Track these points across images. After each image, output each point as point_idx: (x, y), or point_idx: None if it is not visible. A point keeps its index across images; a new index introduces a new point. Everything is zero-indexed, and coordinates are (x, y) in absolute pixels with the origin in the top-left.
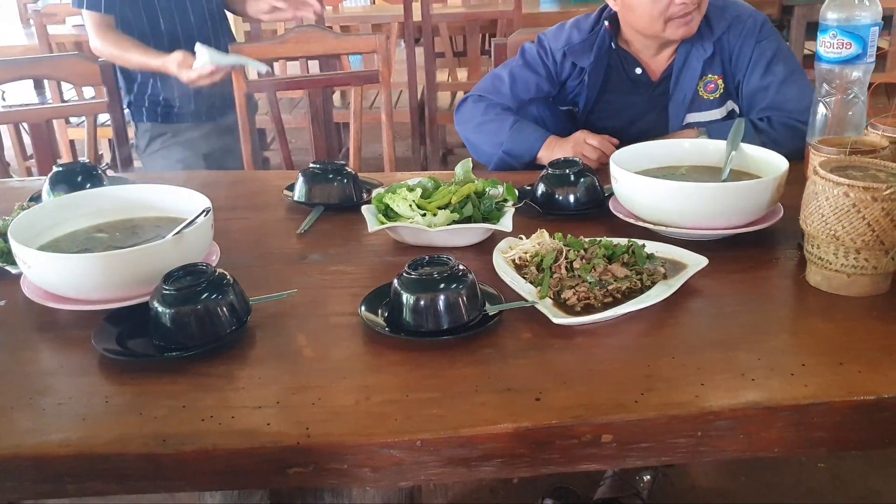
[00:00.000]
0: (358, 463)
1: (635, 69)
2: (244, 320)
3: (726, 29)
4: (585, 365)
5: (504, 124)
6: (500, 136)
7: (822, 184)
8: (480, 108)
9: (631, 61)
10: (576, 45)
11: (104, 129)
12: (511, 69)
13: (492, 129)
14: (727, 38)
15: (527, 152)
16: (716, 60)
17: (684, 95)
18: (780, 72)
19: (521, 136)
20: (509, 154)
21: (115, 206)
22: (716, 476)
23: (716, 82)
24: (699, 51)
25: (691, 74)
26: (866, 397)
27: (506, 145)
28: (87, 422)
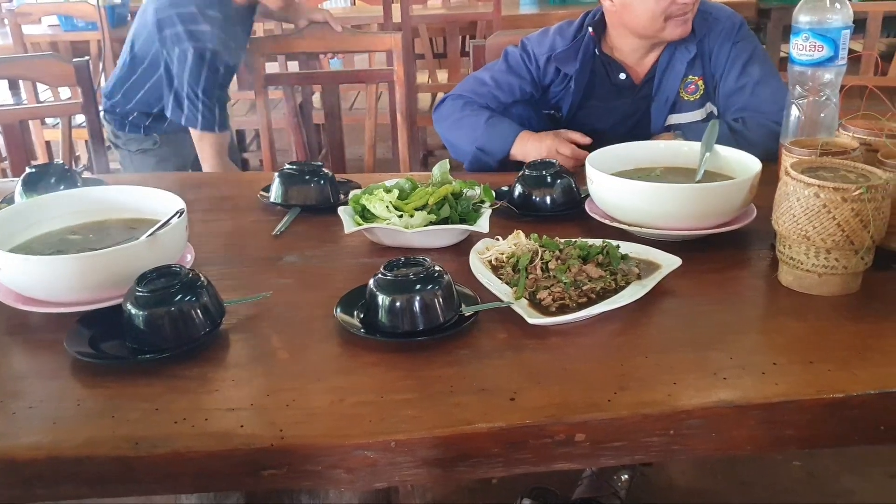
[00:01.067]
0: (332, 464)
1: (619, 74)
2: (218, 322)
3: (707, 30)
4: (560, 365)
5: (479, 119)
6: (475, 132)
7: (794, 184)
8: (458, 106)
9: (615, 67)
10: (560, 53)
11: (80, 130)
12: (493, 73)
13: (468, 124)
14: (707, 40)
15: (500, 148)
16: (697, 62)
17: (667, 97)
18: (755, 73)
19: (495, 132)
20: (483, 150)
21: (89, 207)
22: (693, 475)
23: (696, 83)
24: (683, 52)
25: (675, 76)
26: (836, 395)
27: (479, 141)
28: (57, 425)
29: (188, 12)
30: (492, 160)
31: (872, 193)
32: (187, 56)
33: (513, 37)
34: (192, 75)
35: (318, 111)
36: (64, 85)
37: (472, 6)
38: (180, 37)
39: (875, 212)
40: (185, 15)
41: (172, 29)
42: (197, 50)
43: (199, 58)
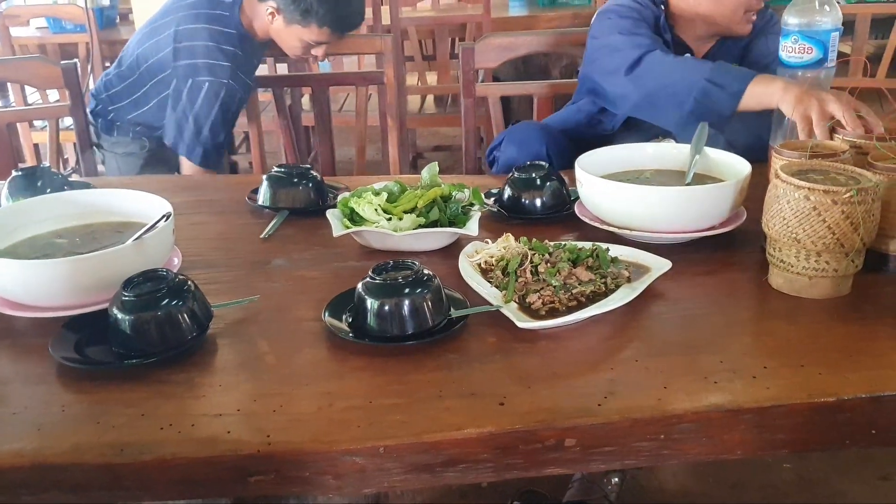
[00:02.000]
0: (320, 470)
1: (685, 55)
2: (206, 327)
3: (761, 24)
4: (549, 369)
5: (705, 62)
6: (702, 67)
7: (784, 187)
8: (669, 55)
9: (683, 48)
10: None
11: (68, 132)
12: (632, 21)
13: (690, 64)
14: (755, 33)
15: (737, 82)
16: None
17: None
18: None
19: (727, 68)
20: (714, 82)
21: (75, 211)
22: (683, 477)
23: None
24: (737, 40)
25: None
26: (826, 399)
27: (710, 74)
28: (42, 431)
29: (205, 46)
30: (725, 95)
31: (862, 196)
32: (201, 89)
33: (502, 39)
34: (201, 109)
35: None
36: (52, 87)
37: (461, 8)
38: (195, 69)
39: (865, 214)
40: (202, 48)
41: (188, 61)
42: (211, 85)
43: (213, 93)
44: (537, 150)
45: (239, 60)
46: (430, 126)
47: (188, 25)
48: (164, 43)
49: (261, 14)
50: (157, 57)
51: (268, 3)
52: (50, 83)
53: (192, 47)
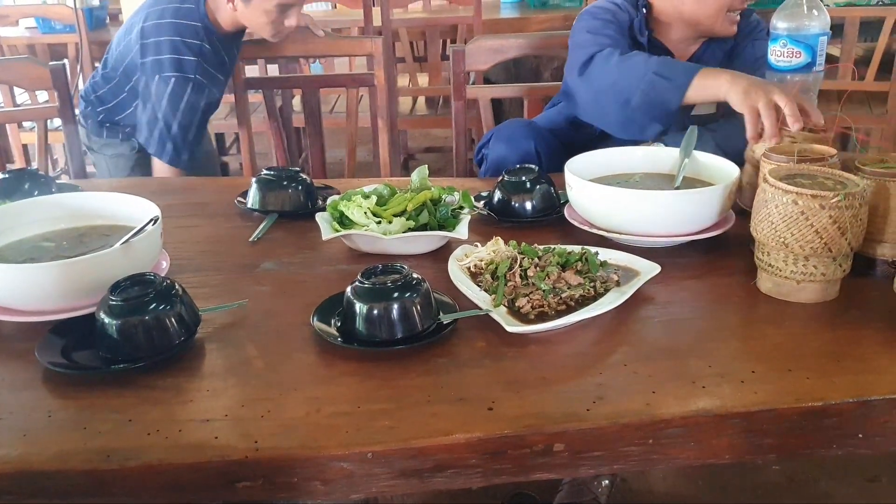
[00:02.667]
0: (308, 476)
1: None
2: (193, 331)
3: (745, 28)
4: (538, 373)
5: (649, 57)
6: (648, 62)
7: (772, 191)
8: (616, 53)
9: (662, 50)
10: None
11: (57, 133)
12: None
13: (637, 60)
14: (740, 37)
15: (683, 74)
16: (727, 55)
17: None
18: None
19: (673, 63)
20: (661, 75)
21: (63, 214)
22: (673, 480)
23: None
24: (721, 43)
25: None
26: (814, 404)
27: (656, 67)
28: (28, 437)
29: (170, 41)
30: (671, 87)
31: (850, 201)
32: (167, 85)
33: (493, 41)
34: (168, 106)
35: (299, 114)
36: (41, 88)
37: (452, 10)
38: (160, 66)
39: (853, 219)
40: (167, 44)
41: (153, 57)
42: (177, 80)
43: (179, 89)
44: (526, 147)
45: (206, 54)
46: (421, 128)
47: (153, 21)
48: (133, 42)
49: (222, 5)
50: (130, 56)
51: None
52: (39, 84)
53: (158, 43)
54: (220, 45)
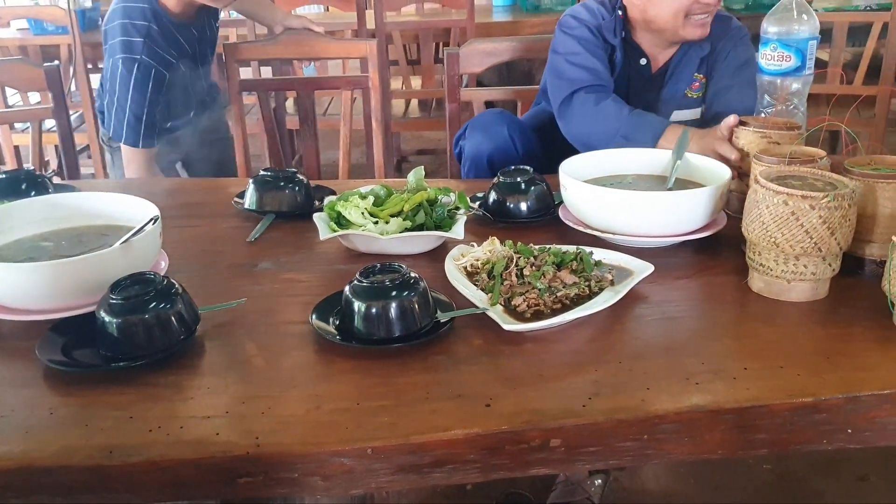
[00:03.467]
0: (308, 472)
1: (640, 59)
2: (193, 329)
3: (721, 33)
4: (535, 370)
5: (621, 109)
6: (618, 121)
7: (763, 192)
8: (591, 98)
9: (638, 51)
10: (608, 23)
11: (50, 134)
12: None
13: (608, 114)
14: (719, 42)
15: (647, 138)
16: (707, 60)
17: (676, 91)
18: (746, 76)
19: (643, 121)
20: (627, 139)
21: (61, 214)
22: (666, 479)
23: (700, 81)
24: (697, 49)
25: (688, 71)
26: (805, 399)
27: (623, 130)
28: (30, 434)
29: (120, 24)
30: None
31: (839, 201)
32: (117, 67)
33: (487, 44)
34: (120, 86)
35: (292, 117)
36: (34, 90)
37: (445, 13)
38: (112, 48)
39: (842, 219)
40: (117, 27)
41: (109, 41)
42: (124, 61)
43: (127, 69)
44: (500, 133)
45: (153, 35)
46: (415, 130)
47: (110, 8)
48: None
49: None
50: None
51: None
52: (32, 85)
53: (112, 28)
54: (172, 25)
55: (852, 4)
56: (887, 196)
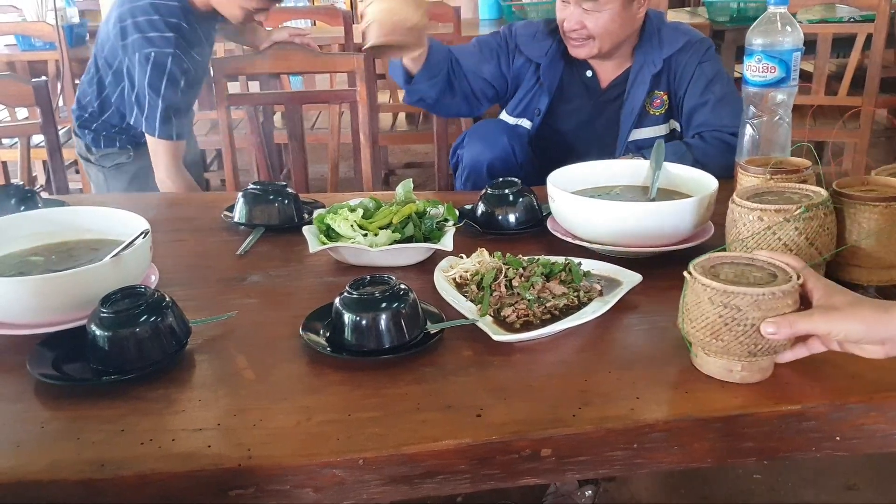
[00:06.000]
0: (300, 483)
1: (586, 71)
2: (184, 343)
3: (678, 49)
4: (524, 381)
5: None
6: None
7: (739, 211)
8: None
9: (582, 64)
10: (533, 42)
11: (38, 150)
12: (478, 39)
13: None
14: (677, 58)
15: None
16: (663, 77)
17: (633, 108)
18: (717, 91)
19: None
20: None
21: (51, 229)
22: (655, 489)
23: (662, 98)
24: (650, 66)
25: (640, 88)
26: (792, 407)
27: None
28: (21, 449)
29: (148, 20)
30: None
31: (814, 211)
32: (148, 60)
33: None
34: (151, 80)
35: (280, 131)
36: (22, 105)
37: (432, 27)
38: (141, 43)
39: (819, 229)
40: (145, 22)
41: (134, 36)
42: (157, 55)
43: (160, 63)
44: (501, 143)
45: (184, 32)
46: (402, 143)
47: (130, 4)
48: (111, 28)
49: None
50: (109, 45)
51: None
52: (21, 101)
53: (136, 23)
54: (198, 24)
55: (836, 16)
56: (874, 219)
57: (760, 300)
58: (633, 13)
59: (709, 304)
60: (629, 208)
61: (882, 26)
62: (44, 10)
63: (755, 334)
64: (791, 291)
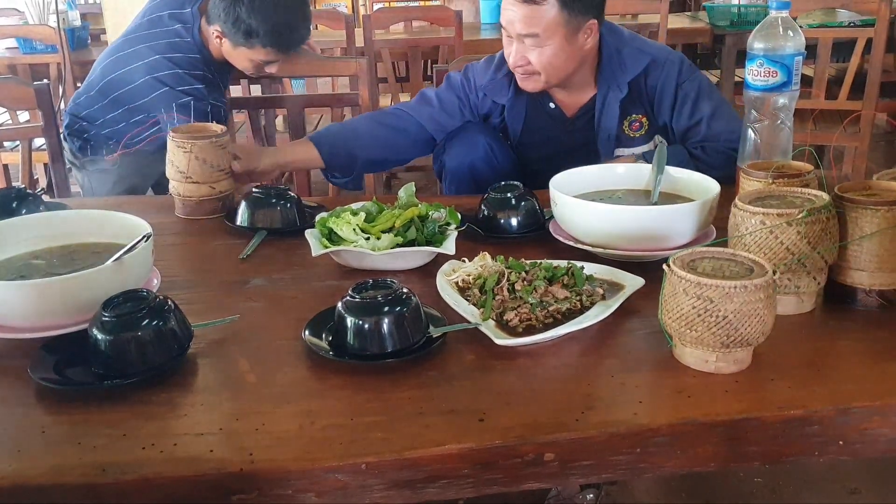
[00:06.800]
0: (302, 488)
1: (549, 104)
2: (186, 346)
3: (643, 71)
4: (527, 385)
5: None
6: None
7: (741, 214)
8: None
9: (545, 96)
10: (495, 83)
11: (38, 153)
12: (438, 91)
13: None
14: (644, 81)
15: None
16: (635, 101)
17: (608, 135)
18: (706, 108)
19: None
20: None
21: (53, 232)
22: (657, 493)
23: (640, 121)
24: (615, 91)
25: (611, 115)
26: (795, 412)
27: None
28: (22, 453)
29: (174, 74)
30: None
31: (816, 216)
32: (189, 108)
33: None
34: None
35: (283, 134)
36: (23, 108)
37: (434, 31)
38: (176, 95)
39: (822, 232)
40: (172, 77)
41: (166, 90)
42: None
43: (202, 111)
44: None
45: (209, 81)
46: None
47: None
48: (135, 74)
49: (212, 37)
50: (131, 86)
51: (213, 26)
52: (22, 104)
53: (160, 79)
54: (219, 68)
55: (836, 20)
56: (875, 223)
57: (732, 293)
58: (579, 45)
59: (683, 296)
60: (631, 212)
61: (882, 31)
62: (46, 13)
63: (728, 326)
64: (764, 286)
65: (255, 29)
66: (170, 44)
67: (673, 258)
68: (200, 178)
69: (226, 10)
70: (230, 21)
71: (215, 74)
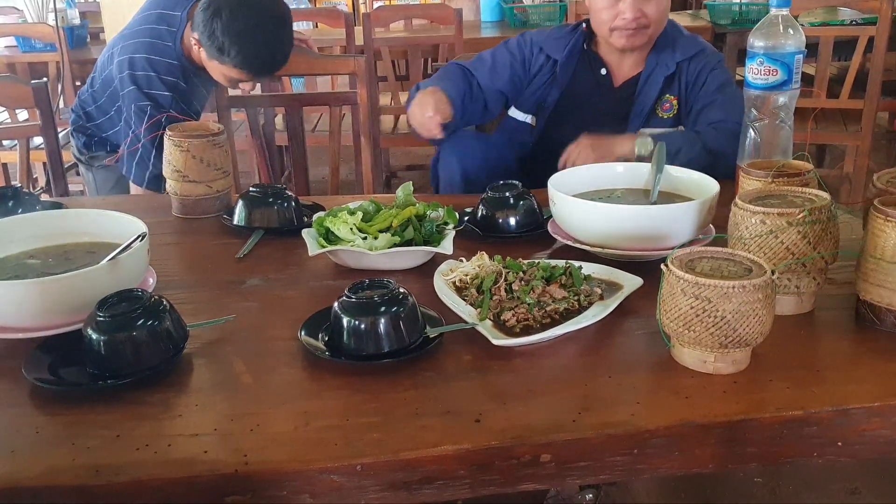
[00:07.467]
0: (297, 489)
1: (601, 69)
2: (181, 347)
3: (691, 56)
4: (524, 386)
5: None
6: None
7: (741, 214)
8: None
9: (598, 62)
10: (552, 40)
11: (37, 152)
12: (494, 51)
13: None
14: (688, 65)
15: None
16: (675, 82)
17: (643, 108)
18: (727, 93)
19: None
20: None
21: (48, 231)
22: (657, 494)
23: (671, 102)
24: (663, 67)
25: (653, 88)
26: (794, 413)
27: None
28: (15, 454)
29: (147, 76)
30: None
31: (816, 215)
32: (145, 114)
33: None
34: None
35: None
36: (22, 107)
37: (433, 29)
38: (139, 96)
39: (822, 233)
40: (145, 79)
41: (134, 88)
42: (154, 110)
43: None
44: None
45: (181, 91)
46: (403, 146)
47: (131, 55)
48: (116, 71)
49: (193, 45)
50: (113, 85)
51: (194, 33)
52: (20, 103)
53: (135, 76)
54: (198, 79)
55: (838, 19)
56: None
57: (730, 293)
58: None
59: (681, 296)
60: (630, 211)
61: (884, 29)
62: (44, 11)
63: (726, 326)
64: (763, 286)
65: (227, 49)
66: (152, 44)
67: (671, 258)
68: (197, 177)
69: (205, 22)
70: (207, 33)
71: (190, 86)
